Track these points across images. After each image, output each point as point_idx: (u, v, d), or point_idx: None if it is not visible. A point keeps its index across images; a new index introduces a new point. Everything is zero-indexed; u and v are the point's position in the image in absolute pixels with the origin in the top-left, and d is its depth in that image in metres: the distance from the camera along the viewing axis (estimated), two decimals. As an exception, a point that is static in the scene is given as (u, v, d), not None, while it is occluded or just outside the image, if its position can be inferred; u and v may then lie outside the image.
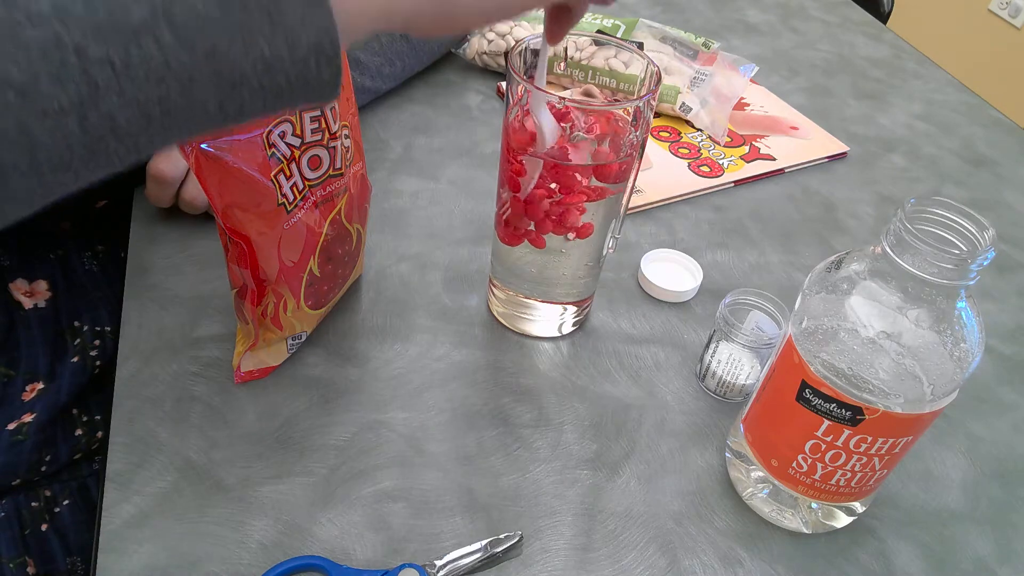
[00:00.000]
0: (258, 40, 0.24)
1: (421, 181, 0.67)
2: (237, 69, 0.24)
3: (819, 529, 0.45)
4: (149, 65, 0.22)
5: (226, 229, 0.43)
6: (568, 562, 0.42)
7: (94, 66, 0.22)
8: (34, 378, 0.55)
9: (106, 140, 0.23)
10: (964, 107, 0.90)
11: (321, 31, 0.25)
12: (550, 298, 0.53)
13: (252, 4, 0.23)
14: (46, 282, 0.56)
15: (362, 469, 0.46)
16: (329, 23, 0.25)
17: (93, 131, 0.23)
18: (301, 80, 0.26)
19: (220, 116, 0.25)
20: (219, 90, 0.24)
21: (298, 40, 0.24)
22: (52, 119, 0.22)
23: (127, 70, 0.22)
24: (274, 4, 0.24)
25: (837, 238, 0.68)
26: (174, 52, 0.23)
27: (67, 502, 0.58)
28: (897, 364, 0.36)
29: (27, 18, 0.21)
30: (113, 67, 0.22)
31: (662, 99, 0.77)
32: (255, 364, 0.49)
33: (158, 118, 0.24)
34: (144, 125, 0.23)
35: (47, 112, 0.21)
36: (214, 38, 0.23)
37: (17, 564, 0.55)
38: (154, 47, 0.22)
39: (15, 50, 0.21)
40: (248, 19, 0.23)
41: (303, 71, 0.25)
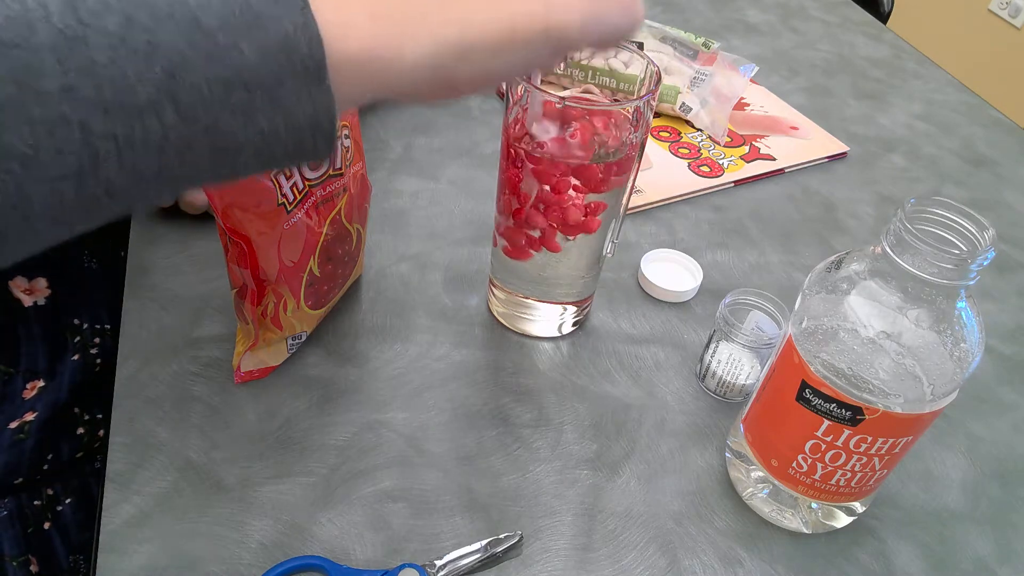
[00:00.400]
0: (257, 117, 0.25)
1: (421, 181, 0.67)
2: (234, 141, 0.25)
3: (819, 529, 0.45)
4: (149, 139, 0.23)
5: (226, 229, 0.43)
6: (568, 562, 0.42)
7: (97, 140, 0.23)
8: (34, 376, 0.55)
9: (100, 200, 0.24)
10: (964, 107, 0.90)
11: (320, 110, 0.26)
12: (550, 298, 0.53)
13: (254, 84, 0.24)
14: (45, 280, 0.56)
15: (362, 469, 0.46)
16: (329, 102, 0.26)
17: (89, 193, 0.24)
18: (296, 150, 0.27)
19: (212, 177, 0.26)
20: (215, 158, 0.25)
21: (297, 118, 0.25)
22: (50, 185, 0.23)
23: (129, 143, 0.23)
24: (277, 85, 0.24)
25: (837, 238, 0.68)
26: (175, 128, 0.24)
27: (69, 500, 0.58)
28: (897, 364, 0.36)
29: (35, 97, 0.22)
30: (116, 140, 0.23)
31: (662, 99, 0.77)
32: (255, 364, 0.49)
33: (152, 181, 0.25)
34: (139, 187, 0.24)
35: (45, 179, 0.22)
36: (216, 115, 0.24)
37: (20, 562, 0.55)
38: (156, 124, 0.23)
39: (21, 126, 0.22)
40: (251, 99, 0.24)
41: (299, 144, 0.26)
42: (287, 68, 0.25)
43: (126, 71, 0.22)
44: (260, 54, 0.24)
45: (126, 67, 0.22)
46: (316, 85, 0.25)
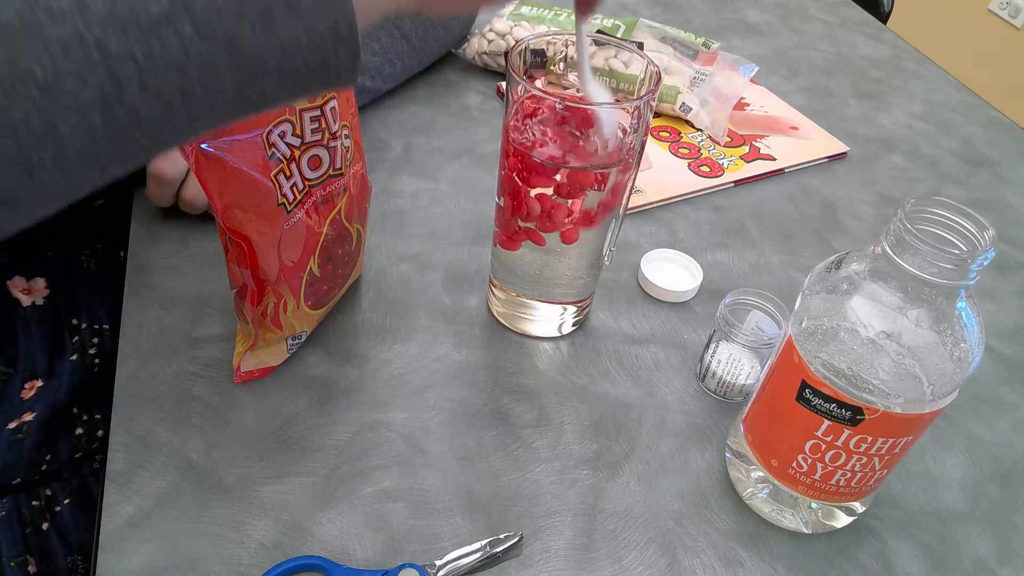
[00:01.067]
0: (277, 26, 0.24)
1: (421, 181, 0.67)
2: (256, 56, 0.24)
3: (819, 529, 0.45)
4: (170, 57, 0.22)
5: (226, 229, 0.43)
6: (568, 562, 0.42)
7: (116, 61, 0.22)
8: (33, 376, 0.55)
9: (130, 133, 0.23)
10: (964, 107, 0.90)
11: (339, 15, 0.25)
12: (550, 298, 0.53)
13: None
14: (44, 280, 0.56)
15: (362, 469, 0.46)
16: (347, 6, 0.25)
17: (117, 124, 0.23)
18: (320, 63, 0.26)
19: (240, 104, 0.25)
20: (239, 78, 0.24)
21: (316, 24, 0.25)
22: (76, 114, 0.22)
23: (149, 63, 0.22)
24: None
25: (837, 238, 0.68)
26: (194, 43, 0.23)
27: (68, 501, 0.58)
28: (897, 364, 0.36)
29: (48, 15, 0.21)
30: (135, 60, 0.22)
31: (662, 99, 0.77)
32: (255, 364, 0.49)
33: (180, 108, 0.24)
34: (167, 116, 0.24)
35: (71, 108, 0.22)
36: (233, 27, 0.23)
37: (18, 563, 0.55)
38: (175, 39, 0.22)
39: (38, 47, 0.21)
40: (267, 6, 0.23)
41: (322, 54, 0.25)
42: None
43: None
44: None
45: None
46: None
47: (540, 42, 0.46)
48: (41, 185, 0.23)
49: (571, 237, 0.48)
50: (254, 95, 0.25)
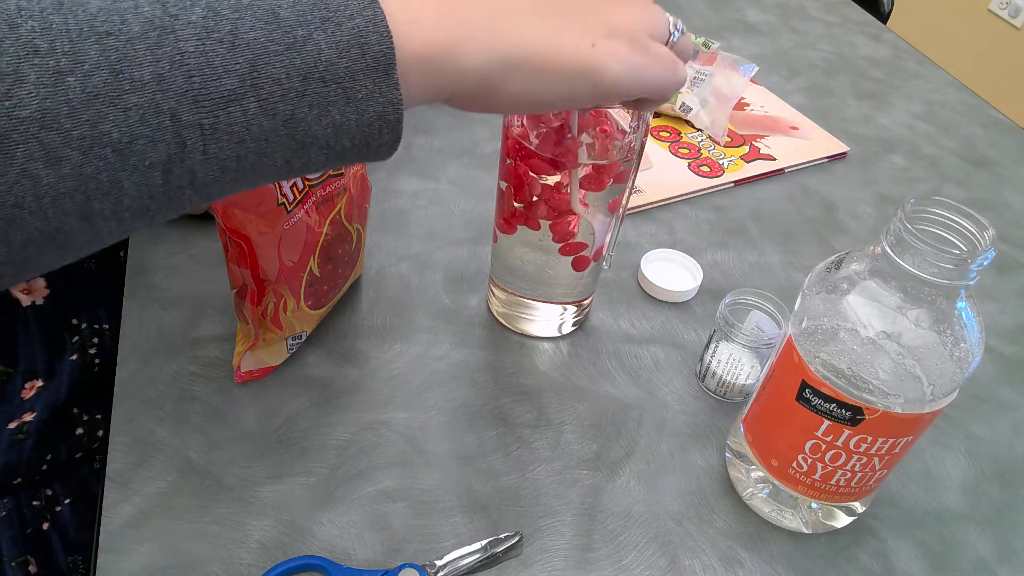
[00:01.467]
0: (331, 109, 0.26)
1: (421, 181, 0.67)
2: (309, 133, 0.26)
3: (819, 529, 0.45)
4: (233, 129, 0.25)
5: (226, 229, 0.43)
6: (568, 562, 0.42)
7: (185, 129, 0.24)
8: (33, 376, 0.55)
9: (184, 191, 0.25)
10: (964, 107, 0.90)
11: (387, 103, 0.27)
12: (550, 298, 0.53)
13: (330, 78, 0.25)
14: (44, 279, 0.56)
15: (362, 469, 0.46)
16: (396, 96, 0.27)
17: (175, 183, 0.25)
18: (364, 143, 0.28)
19: (286, 170, 0.27)
20: (290, 150, 0.26)
21: (366, 109, 0.27)
22: (141, 173, 0.24)
23: (214, 133, 0.24)
24: (350, 78, 0.26)
25: (837, 238, 0.68)
26: (256, 118, 0.25)
27: (68, 501, 0.58)
28: (897, 364, 0.36)
29: (131, 84, 0.23)
30: (202, 130, 0.24)
31: (662, 99, 0.77)
32: (255, 364, 0.49)
33: (233, 172, 0.26)
34: (219, 178, 0.26)
35: (138, 167, 0.24)
36: (293, 107, 0.25)
37: (18, 563, 0.55)
38: (240, 114, 0.24)
39: (117, 113, 0.23)
40: (326, 91, 0.26)
41: (367, 136, 0.28)
42: (360, 62, 0.26)
43: (213, 61, 0.24)
44: (335, 47, 0.25)
45: (213, 57, 0.24)
46: (385, 79, 0.26)
47: None
48: (97, 231, 0.25)
49: (572, 250, 0.48)
50: (299, 164, 0.27)
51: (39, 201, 0.23)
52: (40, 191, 0.22)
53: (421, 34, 0.28)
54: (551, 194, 0.45)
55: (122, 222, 0.25)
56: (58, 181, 0.23)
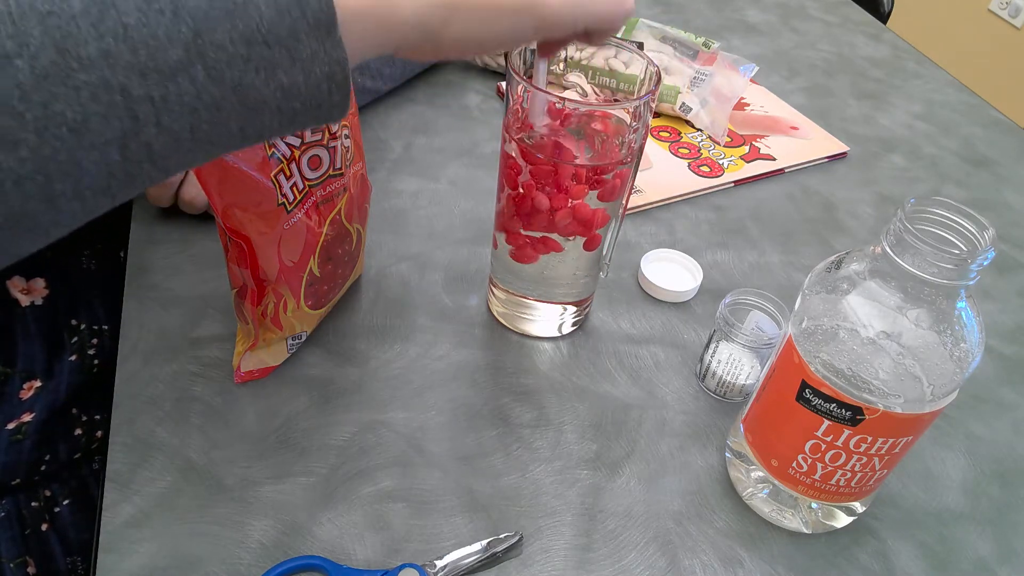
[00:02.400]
0: (278, 72, 0.26)
1: (421, 181, 0.67)
2: (259, 97, 0.26)
3: (819, 529, 0.45)
4: (183, 99, 0.25)
5: (226, 229, 0.43)
6: (568, 562, 0.42)
7: (136, 103, 0.24)
8: (31, 376, 0.55)
9: (142, 164, 0.26)
10: (964, 107, 0.90)
11: (333, 62, 0.27)
12: (550, 298, 0.53)
13: (273, 40, 0.26)
14: (43, 280, 0.56)
15: (362, 469, 0.46)
16: (340, 54, 0.27)
17: (132, 158, 0.25)
18: (314, 103, 0.28)
19: (240, 137, 0.28)
20: (242, 117, 0.27)
21: (313, 70, 0.27)
22: (99, 151, 0.24)
23: (165, 104, 0.24)
24: (293, 39, 0.26)
25: (837, 238, 0.68)
26: (205, 87, 0.25)
27: (67, 502, 0.58)
28: (897, 364, 0.36)
29: (78, 63, 0.23)
30: (153, 103, 0.24)
31: (662, 99, 0.77)
32: (255, 364, 0.49)
33: (188, 143, 0.26)
34: (176, 149, 0.26)
35: (95, 145, 0.24)
36: (241, 72, 0.25)
37: (17, 564, 0.55)
38: (188, 84, 0.25)
39: (69, 92, 0.23)
40: (270, 53, 0.26)
41: (317, 97, 0.28)
42: (301, 22, 0.26)
43: (156, 32, 0.24)
44: (275, 9, 0.25)
45: (156, 28, 0.24)
46: (328, 38, 0.27)
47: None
48: (60, 212, 0.25)
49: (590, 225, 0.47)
50: (253, 131, 0.28)
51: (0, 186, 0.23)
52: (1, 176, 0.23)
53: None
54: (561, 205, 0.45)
55: (84, 201, 0.25)
56: (17, 165, 0.23)
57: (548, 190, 0.45)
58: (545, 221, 0.46)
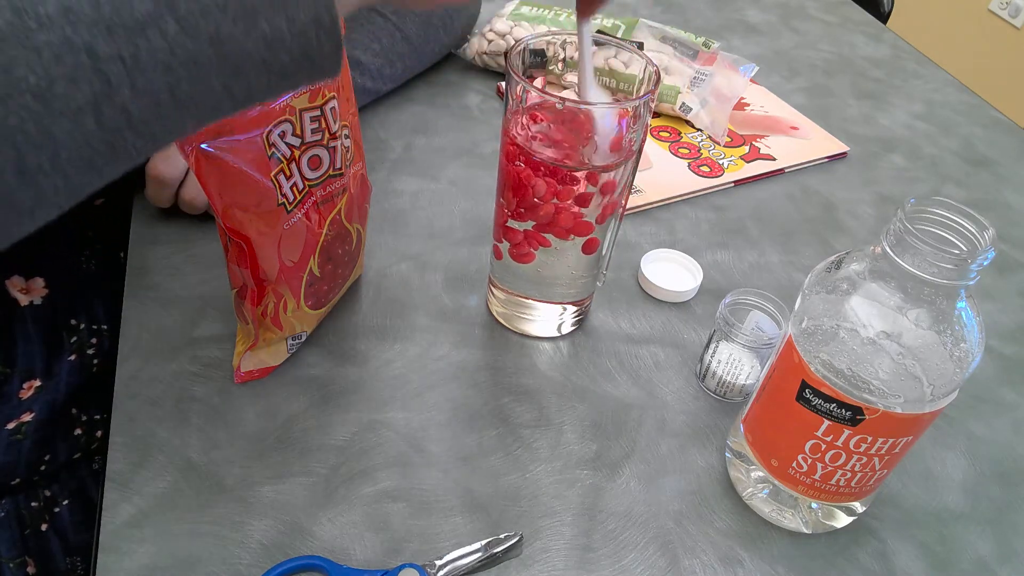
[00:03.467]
0: (259, 20, 0.24)
1: (421, 181, 0.67)
2: (240, 50, 0.24)
3: (819, 529, 0.45)
4: (156, 56, 0.23)
5: (226, 229, 0.43)
6: (568, 562, 0.42)
7: (105, 63, 0.22)
8: (31, 376, 0.55)
9: (123, 133, 0.24)
10: (964, 107, 0.90)
11: (319, 5, 0.25)
12: (550, 298, 0.53)
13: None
14: (43, 279, 0.56)
15: (362, 469, 0.46)
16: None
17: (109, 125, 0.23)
18: (303, 54, 0.26)
19: (228, 99, 0.26)
20: (225, 73, 0.25)
21: (296, 15, 0.25)
22: (70, 118, 0.22)
23: (136, 63, 0.23)
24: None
25: (837, 238, 0.68)
26: (179, 41, 0.23)
27: (66, 502, 0.58)
28: (897, 364, 0.36)
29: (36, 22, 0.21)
30: (123, 62, 0.22)
31: (662, 99, 0.77)
32: (255, 364, 0.49)
33: (169, 105, 0.24)
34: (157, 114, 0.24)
35: (65, 112, 0.22)
36: (217, 22, 0.24)
37: (17, 564, 0.55)
38: (160, 39, 0.23)
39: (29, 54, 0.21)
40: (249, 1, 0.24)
41: (304, 45, 0.26)
42: None
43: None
44: None
45: None
46: None
47: (540, 42, 0.46)
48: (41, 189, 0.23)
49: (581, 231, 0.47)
50: (240, 90, 0.26)
51: None
52: None
53: None
54: (557, 198, 0.45)
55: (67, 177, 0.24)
56: None
57: (547, 181, 0.45)
58: (544, 212, 0.46)
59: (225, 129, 0.39)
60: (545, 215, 0.46)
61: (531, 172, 0.45)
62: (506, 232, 0.49)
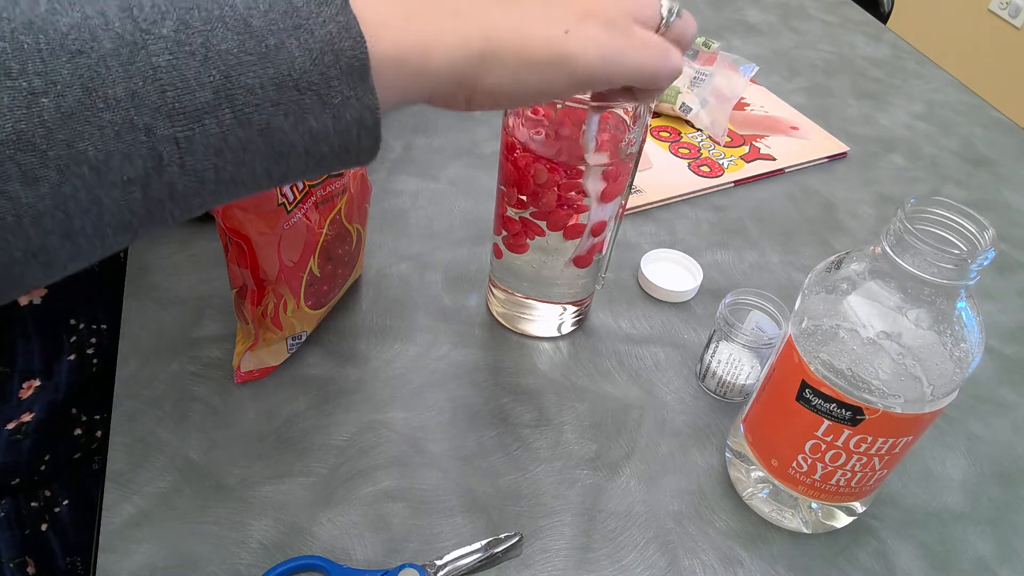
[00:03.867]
0: (308, 117, 0.26)
1: (421, 181, 0.67)
2: (286, 141, 0.26)
3: (819, 529, 0.45)
4: (209, 141, 0.24)
5: (226, 229, 0.43)
6: (568, 562, 0.42)
7: (160, 143, 0.24)
8: (30, 375, 0.55)
9: (164, 204, 0.25)
10: (964, 107, 0.90)
11: (364, 108, 0.27)
12: (549, 298, 0.53)
13: (305, 86, 0.25)
14: None
15: (362, 469, 0.46)
16: (372, 101, 0.27)
17: (154, 197, 0.25)
18: (343, 148, 0.28)
19: (266, 179, 0.27)
20: (268, 159, 0.26)
21: (343, 115, 0.27)
22: (120, 189, 0.24)
23: (189, 146, 0.24)
24: (325, 84, 0.26)
25: (837, 238, 0.68)
26: (232, 130, 0.25)
27: (66, 502, 0.58)
28: (897, 364, 0.36)
29: (104, 103, 0.23)
30: (177, 144, 0.24)
31: (662, 99, 0.77)
32: (255, 364, 0.49)
33: (212, 184, 0.26)
34: (198, 190, 0.26)
35: (116, 183, 0.24)
36: (269, 116, 0.25)
37: (17, 564, 0.55)
38: (215, 126, 0.24)
39: (93, 132, 0.23)
40: (301, 98, 0.25)
41: (345, 140, 0.27)
42: (334, 68, 0.26)
43: (186, 75, 0.23)
44: (308, 54, 0.25)
45: (185, 71, 0.23)
46: (360, 83, 0.26)
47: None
48: (79, 248, 0.25)
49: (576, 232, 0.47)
50: (279, 173, 0.27)
51: (19, 221, 0.23)
52: (20, 211, 0.22)
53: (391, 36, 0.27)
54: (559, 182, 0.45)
55: (104, 238, 0.25)
56: (37, 201, 0.23)
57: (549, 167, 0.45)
58: (546, 200, 0.46)
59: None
60: (547, 203, 0.46)
61: (530, 159, 0.45)
62: (505, 223, 0.49)
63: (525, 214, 0.47)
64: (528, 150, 0.44)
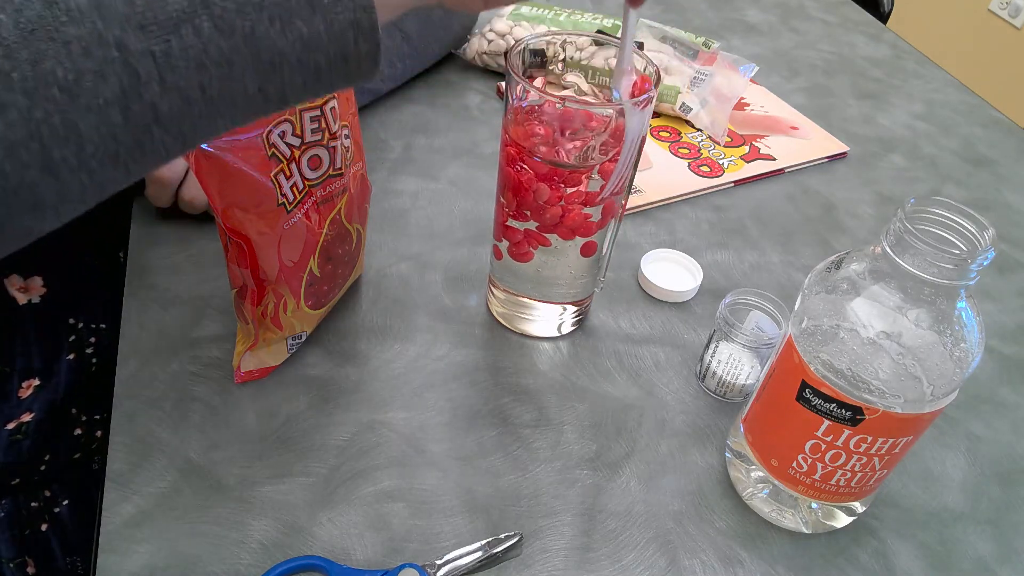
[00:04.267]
0: (296, 20, 0.24)
1: (421, 181, 0.67)
2: (275, 50, 0.24)
3: (819, 529, 0.45)
4: (189, 54, 0.22)
5: (226, 229, 0.43)
6: (568, 562, 0.42)
7: (135, 58, 0.22)
8: (30, 375, 0.55)
9: (150, 129, 0.23)
10: (964, 107, 0.90)
11: (359, 8, 0.25)
12: (549, 298, 0.53)
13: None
14: (41, 278, 0.56)
15: (362, 469, 0.46)
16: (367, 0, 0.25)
17: (137, 121, 0.23)
18: (340, 57, 0.25)
19: (261, 100, 0.25)
20: (258, 73, 0.24)
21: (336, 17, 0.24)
22: (96, 113, 0.22)
23: (167, 60, 0.22)
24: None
25: (837, 238, 0.68)
26: (213, 39, 0.23)
27: (66, 502, 0.58)
28: (897, 364, 0.36)
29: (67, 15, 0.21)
30: (154, 58, 0.22)
31: (662, 99, 0.77)
32: (255, 364, 0.49)
33: (200, 104, 0.24)
34: (187, 112, 0.23)
35: (91, 106, 0.22)
36: (252, 21, 0.23)
37: (17, 564, 0.55)
38: (193, 36, 0.22)
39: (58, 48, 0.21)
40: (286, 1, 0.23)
41: (341, 47, 0.25)
42: None
43: None
44: None
45: None
46: None
47: (540, 42, 0.46)
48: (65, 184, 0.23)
49: (576, 226, 0.47)
50: (274, 91, 0.25)
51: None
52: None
53: None
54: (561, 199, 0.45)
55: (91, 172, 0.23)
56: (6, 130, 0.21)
57: (551, 184, 0.45)
58: (550, 215, 0.46)
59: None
60: (552, 217, 0.46)
61: (532, 175, 0.45)
62: (506, 231, 0.49)
63: (529, 226, 0.47)
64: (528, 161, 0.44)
